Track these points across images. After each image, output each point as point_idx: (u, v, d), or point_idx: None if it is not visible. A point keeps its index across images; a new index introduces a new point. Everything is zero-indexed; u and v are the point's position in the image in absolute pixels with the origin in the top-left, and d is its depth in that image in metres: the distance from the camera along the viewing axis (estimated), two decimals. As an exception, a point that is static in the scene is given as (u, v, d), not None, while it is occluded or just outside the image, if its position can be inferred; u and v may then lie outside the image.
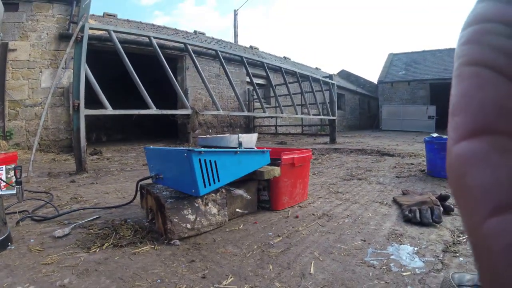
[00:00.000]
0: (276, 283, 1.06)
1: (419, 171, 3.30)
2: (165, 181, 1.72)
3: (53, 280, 1.08)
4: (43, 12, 7.08)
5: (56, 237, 1.48)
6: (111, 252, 1.32)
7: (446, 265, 1.17)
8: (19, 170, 2.03)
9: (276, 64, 6.88)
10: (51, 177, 3.32)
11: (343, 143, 7.91)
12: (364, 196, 2.30)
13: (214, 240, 1.46)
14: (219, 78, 10.79)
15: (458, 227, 1.59)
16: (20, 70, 6.72)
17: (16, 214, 1.88)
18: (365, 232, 1.54)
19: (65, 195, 2.44)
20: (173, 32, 12.05)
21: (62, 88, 7.07)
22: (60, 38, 7.15)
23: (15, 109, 6.64)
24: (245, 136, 2.07)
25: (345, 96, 20.52)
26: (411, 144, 7.34)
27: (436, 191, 2.33)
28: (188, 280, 1.09)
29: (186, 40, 4.77)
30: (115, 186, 2.82)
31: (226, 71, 5.15)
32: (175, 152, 1.61)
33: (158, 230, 1.53)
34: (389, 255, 1.27)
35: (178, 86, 4.46)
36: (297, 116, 7.29)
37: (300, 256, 1.27)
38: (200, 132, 9.51)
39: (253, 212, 1.89)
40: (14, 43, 6.70)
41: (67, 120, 7.08)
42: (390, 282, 1.05)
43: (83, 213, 1.94)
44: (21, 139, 6.66)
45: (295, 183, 2.04)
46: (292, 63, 17.78)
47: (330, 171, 3.47)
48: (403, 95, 19.80)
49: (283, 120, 12.58)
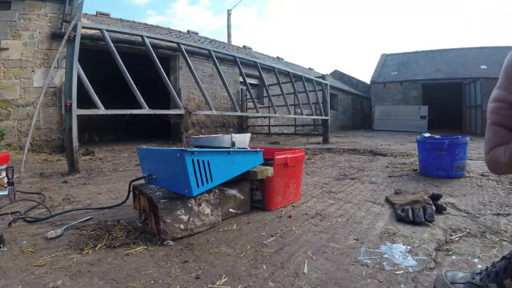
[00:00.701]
0: (270, 282, 1.07)
1: (411, 171, 3.33)
2: (158, 182, 1.72)
3: (45, 282, 1.07)
4: (36, 10, 7.01)
5: (48, 238, 1.47)
6: (104, 253, 1.31)
7: (439, 264, 1.18)
8: (11, 171, 2.01)
9: (269, 64, 6.88)
10: (43, 178, 3.29)
11: (336, 143, 7.94)
12: (357, 195, 2.31)
13: (207, 240, 1.46)
14: (212, 78, 10.77)
15: (451, 225, 1.60)
16: (12, 69, 6.65)
17: (8, 215, 1.86)
18: (358, 231, 1.55)
19: (58, 196, 2.42)
20: (166, 31, 12.00)
21: (54, 88, 7.00)
22: (53, 37, 7.09)
23: (6, 109, 6.56)
24: (238, 136, 2.07)
25: (338, 96, 20.60)
26: (404, 144, 7.40)
27: (428, 190, 2.35)
28: (182, 281, 1.09)
29: (179, 40, 4.76)
30: (107, 186, 2.80)
31: (219, 71, 5.14)
32: (168, 152, 1.61)
33: (151, 230, 1.53)
34: (382, 254, 1.28)
35: (171, 86, 4.44)
36: (290, 116, 7.31)
37: (293, 256, 1.28)
38: (193, 132, 9.49)
39: (246, 212, 1.90)
40: (6, 42, 6.63)
41: (59, 120, 7.01)
42: (383, 280, 1.06)
43: (76, 214, 1.92)
44: (13, 139, 6.59)
45: (288, 183, 2.05)
46: (285, 63, 17.81)
47: (323, 171, 3.48)
48: (396, 95, 19.92)
49: (276, 120, 12.59)
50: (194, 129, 9.71)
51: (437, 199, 1.93)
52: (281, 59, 18.34)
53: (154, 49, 4.37)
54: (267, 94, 6.26)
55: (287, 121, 13.02)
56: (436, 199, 1.93)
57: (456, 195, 2.24)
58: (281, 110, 10.31)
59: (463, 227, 1.58)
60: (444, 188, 2.49)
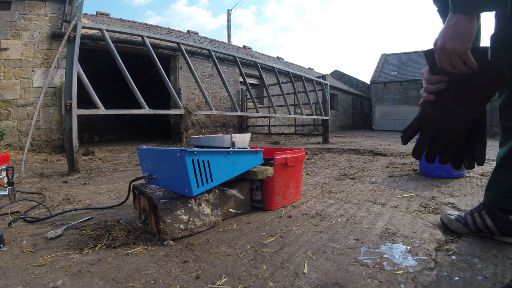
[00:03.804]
0: (270, 282, 1.07)
1: (411, 171, 3.33)
2: (158, 182, 1.72)
3: (45, 281, 1.07)
4: (36, 10, 7.01)
5: (48, 238, 1.47)
6: (104, 253, 1.31)
7: (439, 264, 1.18)
8: (11, 171, 2.01)
9: (269, 64, 6.89)
10: (43, 178, 3.29)
11: (336, 143, 7.94)
12: (357, 195, 2.31)
13: (207, 240, 1.46)
14: (212, 78, 10.77)
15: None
16: (12, 69, 6.66)
17: (8, 215, 1.86)
18: (358, 231, 1.55)
19: (58, 196, 2.42)
20: (166, 31, 12.01)
21: (54, 88, 7.01)
22: (53, 37, 7.10)
23: (6, 109, 6.57)
24: (238, 136, 2.07)
25: (338, 96, 20.62)
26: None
27: (428, 190, 2.35)
28: (182, 281, 1.09)
29: (179, 40, 4.76)
30: (107, 186, 2.80)
31: (219, 71, 5.15)
32: (168, 152, 1.61)
33: (151, 230, 1.53)
34: (382, 254, 1.28)
35: (171, 86, 4.44)
36: (290, 116, 7.31)
37: (293, 256, 1.28)
38: (193, 132, 9.49)
39: (246, 212, 1.90)
40: (6, 42, 6.64)
41: (59, 120, 7.02)
42: (384, 280, 1.06)
43: (76, 214, 1.92)
44: (13, 139, 6.59)
45: (288, 183, 2.05)
46: (285, 63, 17.83)
47: (323, 171, 3.48)
48: (396, 95, 19.95)
49: (276, 120, 12.61)
50: (194, 129, 9.71)
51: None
52: (281, 59, 18.36)
53: (154, 49, 4.38)
54: (267, 94, 6.26)
55: (287, 121, 13.03)
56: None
57: (456, 195, 2.24)
58: (281, 110, 10.33)
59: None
60: (444, 188, 2.49)
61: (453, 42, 0.92)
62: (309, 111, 8.35)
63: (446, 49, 0.94)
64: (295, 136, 10.90)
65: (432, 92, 1.04)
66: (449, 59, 0.95)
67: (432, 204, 2.01)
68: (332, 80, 21.85)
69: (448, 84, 1.01)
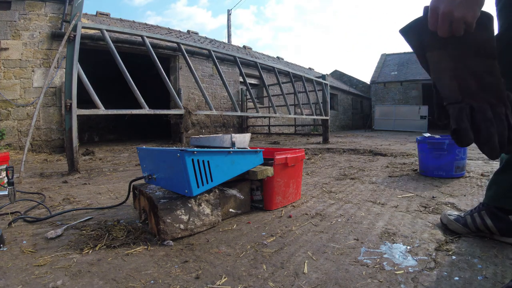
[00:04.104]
0: (270, 282, 1.07)
1: (411, 171, 3.33)
2: (158, 182, 1.72)
3: (45, 281, 1.07)
4: (36, 10, 7.01)
5: (48, 238, 1.47)
6: (104, 253, 1.31)
7: (439, 264, 1.18)
8: (11, 171, 2.01)
9: (269, 64, 6.89)
10: (43, 178, 3.29)
11: (336, 143, 7.94)
12: (357, 195, 2.31)
13: (207, 240, 1.46)
14: (212, 78, 10.77)
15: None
16: (12, 69, 6.66)
17: (8, 215, 1.86)
18: (358, 231, 1.55)
19: (58, 196, 2.42)
20: (166, 31, 12.01)
21: (54, 88, 7.01)
22: (53, 37, 7.10)
23: (6, 109, 6.57)
24: (238, 136, 2.07)
25: (338, 96, 20.62)
26: (404, 144, 7.40)
27: (428, 190, 2.35)
28: (182, 281, 1.09)
29: (179, 40, 4.76)
30: (107, 186, 2.80)
31: (219, 71, 5.15)
32: (168, 152, 1.61)
33: (151, 230, 1.53)
34: (382, 254, 1.28)
35: (171, 86, 4.44)
36: (290, 116, 7.31)
37: (293, 256, 1.28)
38: (193, 132, 9.49)
39: (246, 212, 1.90)
40: (6, 42, 6.64)
41: (59, 120, 7.02)
42: (384, 280, 1.06)
43: (76, 214, 1.92)
44: (13, 139, 6.59)
45: (288, 182, 2.05)
46: (285, 63, 17.83)
47: (323, 171, 3.48)
48: (396, 95, 19.95)
49: (276, 120, 12.61)
50: (194, 129, 9.72)
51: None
52: (281, 59, 18.36)
53: (154, 49, 4.38)
54: (267, 94, 6.26)
55: (287, 121, 13.03)
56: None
57: (456, 195, 2.24)
58: (281, 110, 10.33)
59: (463, 227, 1.58)
60: (444, 188, 2.49)
61: (464, 9, 0.77)
62: (309, 111, 8.35)
63: (453, 16, 0.78)
64: (295, 136, 10.90)
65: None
66: (450, 26, 0.80)
67: (432, 204, 2.01)
68: (332, 80, 21.86)
69: (448, 52, 0.85)
